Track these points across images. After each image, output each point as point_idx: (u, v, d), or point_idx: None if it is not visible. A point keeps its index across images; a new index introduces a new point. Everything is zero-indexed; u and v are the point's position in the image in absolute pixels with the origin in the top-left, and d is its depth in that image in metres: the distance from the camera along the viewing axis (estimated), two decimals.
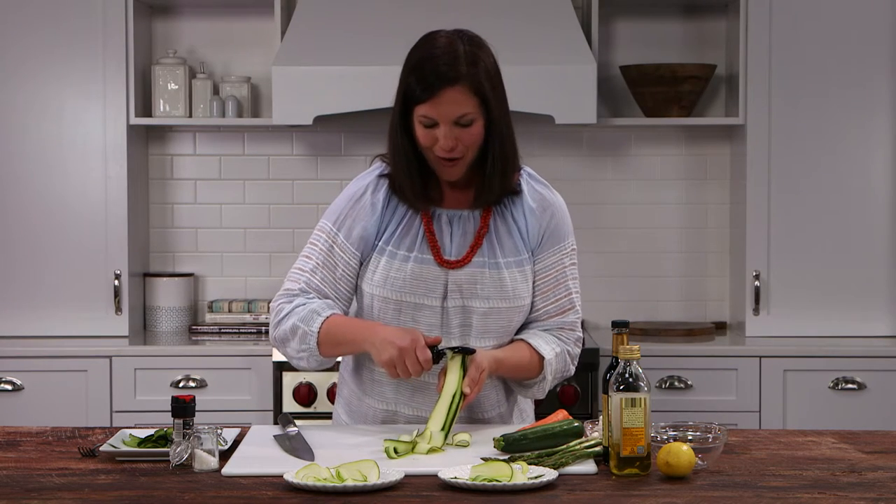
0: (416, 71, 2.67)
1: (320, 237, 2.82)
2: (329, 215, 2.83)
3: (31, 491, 2.27)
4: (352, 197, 2.82)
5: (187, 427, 2.45)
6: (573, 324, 2.86)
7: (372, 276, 2.78)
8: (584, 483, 2.32)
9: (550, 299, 2.83)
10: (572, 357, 2.87)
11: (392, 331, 2.67)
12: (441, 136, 2.67)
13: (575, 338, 2.87)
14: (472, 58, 2.67)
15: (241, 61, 4.94)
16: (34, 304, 4.57)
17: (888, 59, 4.55)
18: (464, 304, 2.76)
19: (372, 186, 2.82)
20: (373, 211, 2.79)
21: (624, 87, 4.89)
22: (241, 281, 4.98)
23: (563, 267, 2.83)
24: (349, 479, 2.27)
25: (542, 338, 2.82)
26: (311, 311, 2.75)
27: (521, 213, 2.81)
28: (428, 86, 2.64)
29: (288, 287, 2.82)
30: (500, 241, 2.79)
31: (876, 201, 4.58)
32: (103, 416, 4.38)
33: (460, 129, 2.67)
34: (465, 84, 2.65)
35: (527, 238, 2.81)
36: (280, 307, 2.81)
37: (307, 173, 4.96)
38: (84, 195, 4.58)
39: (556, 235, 2.83)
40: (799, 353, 4.42)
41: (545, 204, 2.83)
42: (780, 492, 2.25)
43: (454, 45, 2.68)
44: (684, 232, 4.98)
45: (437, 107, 2.65)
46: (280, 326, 2.79)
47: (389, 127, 2.77)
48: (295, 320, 2.76)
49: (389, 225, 2.79)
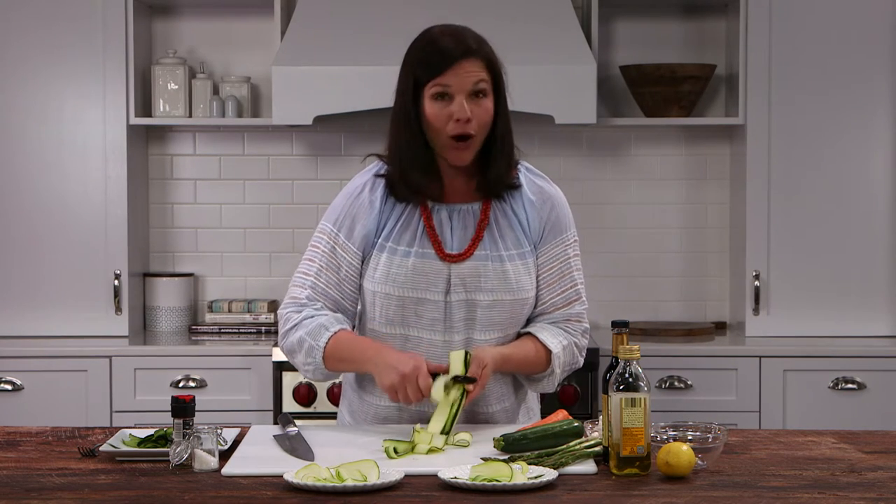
0: (425, 52, 2.71)
1: (322, 239, 2.82)
2: (328, 217, 2.84)
3: (31, 491, 2.27)
4: (349, 196, 2.83)
5: (187, 427, 2.45)
6: (579, 315, 2.87)
7: (373, 273, 2.78)
8: (584, 483, 2.32)
9: (556, 291, 2.83)
10: (580, 349, 2.88)
11: (395, 356, 2.67)
12: (456, 107, 2.68)
13: (582, 329, 2.88)
14: (479, 39, 2.74)
15: (241, 61, 4.94)
16: (34, 304, 4.57)
17: (888, 58, 4.55)
18: (468, 297, 2.76)
19: (369, 185, 2.82)
20: (371, 208, 2.80)
21: (624, 87, 4.89)
22: (241, 281, 4.98)
23: (567, 258, 2.84)
24: (349, 479, 2.27)
25: (548, 331, 2.82)
26: (319, 326, 2.76)
27: (521, 206, 2.82)
28: (443, 58, 2.68)
29: (294, 295, 2.82)
30: (501, 235, 2.79)
31: (876, 201, 4.58)
32: (103, 416, 4.38)
33: (474, 103, 2.69)
34: (478, 57, 2.71)
35: (528, 231, 2.82)
36: (288, 316, 2.81)
37: (307, 173, 4.96)
38: (84, 195, 4.58)
39: (557, 227, 2.84)
40: (799, 353, 4.42)
41: (544, 196, 2.84)
42: (780, 492, 2.25)
43: (457, 29, 2.75)
44: (684, 232, 4.98)
45: (454, 76, 2.68)
46: (288, 337, 2.80)
47: (391, 122, 2.77)
48: (302, 333, 2.77)
49: (388, 221, 2.80)
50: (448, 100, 2.69)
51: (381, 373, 2.67)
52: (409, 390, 2.62)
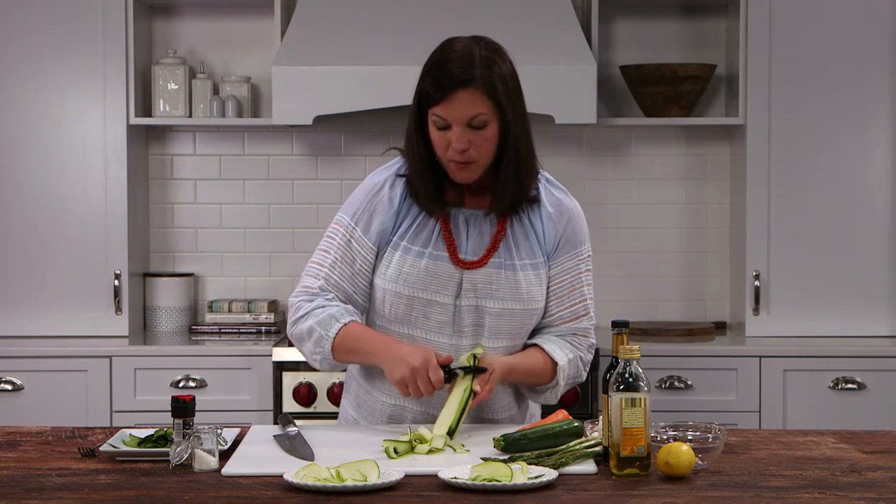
0: (431, 73, 2.69)
1: (338, 231, 2.82)
2: (346, 209, 2.83)
3: (31, 491, 2.27)
4: (370, 191, 2.82)
5: (187, 427, 2.46)
6: (586, 330, 2.86)
7: (385, 270, 2.78)
8: (584, 483, 2.32)
9: (565, 305, 2.83)
10: (584, 363, 2.87)
11: (405, 349, 2.67)
12: (454, 137, 2.67)
13: (588, 344, 2.87)
14: (488, 62, 2.67)
15: (241, 61, 4.94)
16: (34, 304, 4.57)
17: (888, 59, 4.55)
18: (477, 303, 2.76)
19: (390, 181, 2.82)
20: (390, 206, 2.80)
21: (624, 87, 4.89)
22: (241, 281, 4.98)
23: (579, 273, 2.84)
24: (349, 479, 2.27)
25: (555, 343, 2.82)
26: (329, 316, 2.75)
27: (539, 218, 2.82)
28: (441, 87, 2.66)
29: (307, 284, 2.82)
30: (516, 244, 2.79)
31: (876, 201, 4.58)
32: (103, 416, 4.38)
33: (473, 133, 2.68)
34: (479, 87, 2.66)
35: (543, 242, 2.82)
36: (299, 305, 2.81)
37: (307, 173, 4.96)
38: (84, 195, 4.58)
39: (572, 241, 2.84)
40: (799, 353, 4.42)
41: (562, 209, 2.84)
42: (780, 492, 2.25)
43: (470, 49, 2.69)
44: (684, 232, 4.98)
45: (450, 108, 2.66)
46: (297, 325, 2.80)
47: (406, 130, 2.78)
48: (313, 322, 2.76)
49: (405, 220, 2.80)
50: (447, 129, 2.69)
51: (390, 367, 2.67)
52: (420, 383, 2.62)
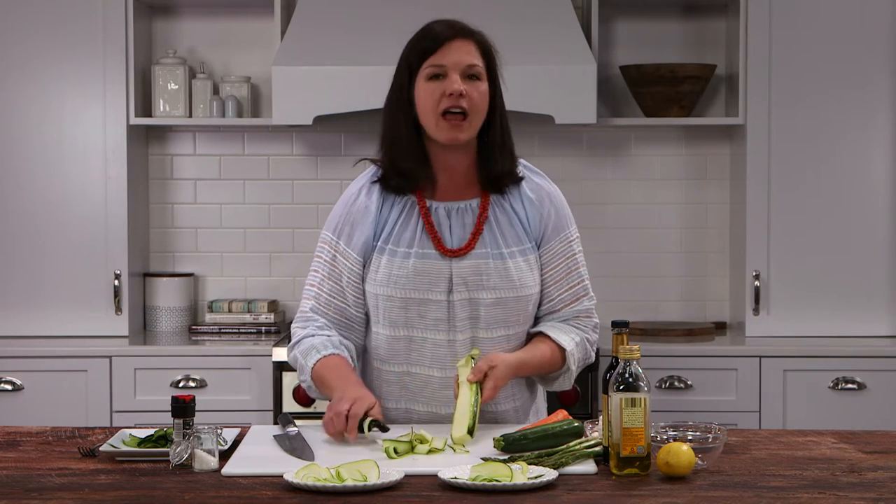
0: (417, 39, 2.76)
1: (324, 249, 2.86)
2: (328, 225, 2.87)
3: (31, 491, 2.27)
4: (346, 203, 2.86)
5: (187, 427, 2.46)
6: (588, 310, 2.89)
7: (375, 276, 2.79)
8: (584, 483, 2.32)
9: (564, 288, 2.85)
10: (591, 343, 2.90)
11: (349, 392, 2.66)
12: (450, 83, 2.71)
13: (592, 324, 2.90)
14: (473, 28, 2.79)
15: (241, 61, 4.94)
16: (34, 304, 4.57)
17: (888, 59, 4.55)
18: (470, 296, 2.77)
19: (365, 189, 2.85)
20: (367, 213, 2.82)
21: (624, 87, 4.89)
22: (240, 281, 4.98)
23: (573, 254, 2.87)
24: (349, 479, 2.27)
25: (560, 329, 2.84)
26: (311, 347, 2.81)
27: (521, 204, 2.84)
28: (436, 38, 2.73)
29: (302, 308, 2.89)
30: (501, 232, 2.80)
31: (876, 201, 4.58)
32: (103, 416, 4.38)
33: (469, 84, 2.72)
34: (473, 41, 2.76)
35: (528, 228, 2.83)
36: (294, 331, 2.89)
37: (307, 173, 4.96)
38: (84, 195, 4.58)
39: (559, 225, 2.85)
40: (799, 353, 4.42)
41: (542, 193, 2.86)
42: (780, 492, 2.25)
43: (451, 19, 2.79)
44: (684, 232, 4.98)
45: (447, 54, 2.72)
46: (290, 353, 2.88)
47: (384, 112, 2.81)
48: (297, 352, 2.84)
49: (387, 224, 2.81)
50: (442, 79, 2.72)
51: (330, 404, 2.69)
52: (334, 425, 2.61)
